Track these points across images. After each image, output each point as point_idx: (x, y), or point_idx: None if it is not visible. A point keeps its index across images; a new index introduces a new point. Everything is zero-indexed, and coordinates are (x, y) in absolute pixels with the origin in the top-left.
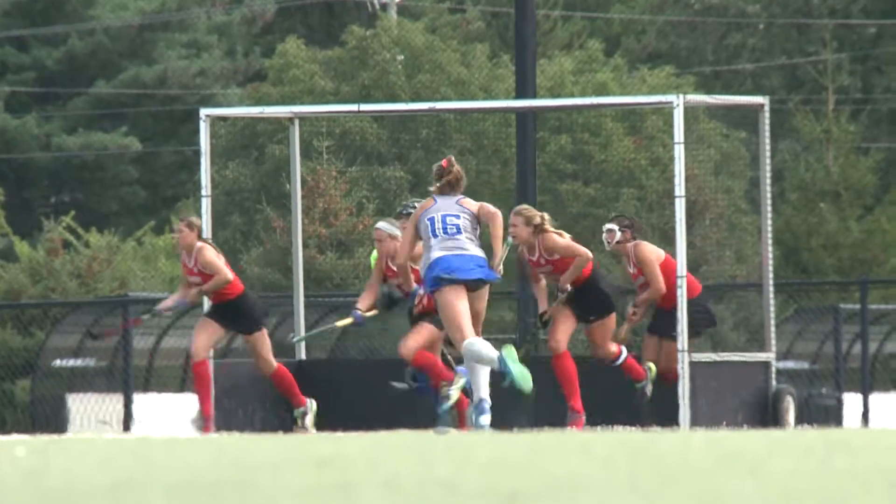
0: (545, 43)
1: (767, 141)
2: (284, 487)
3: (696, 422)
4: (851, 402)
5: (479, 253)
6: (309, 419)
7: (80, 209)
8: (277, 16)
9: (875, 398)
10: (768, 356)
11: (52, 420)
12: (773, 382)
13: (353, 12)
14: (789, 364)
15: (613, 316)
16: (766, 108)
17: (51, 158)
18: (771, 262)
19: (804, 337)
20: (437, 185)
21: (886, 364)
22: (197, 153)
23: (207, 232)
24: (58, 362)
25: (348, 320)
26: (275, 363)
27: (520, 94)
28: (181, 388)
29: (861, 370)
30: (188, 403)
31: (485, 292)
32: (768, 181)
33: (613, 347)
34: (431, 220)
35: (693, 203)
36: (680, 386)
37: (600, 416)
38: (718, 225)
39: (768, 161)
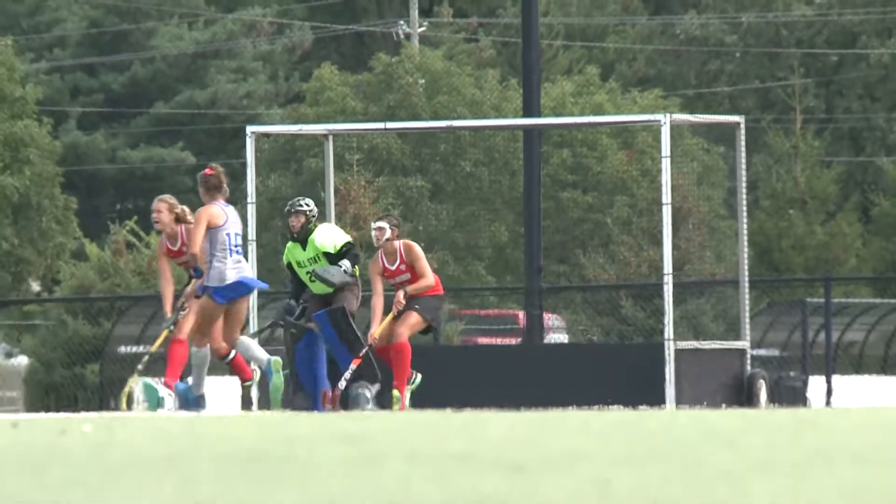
0: (549, 68)
1: (743, 155)
2: (319, 459)
3: (680, 401)
4: (816, 384)
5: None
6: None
7: (141, 215)
8: (314, 45)
9: (837, 380)
10: (743, 344)
11: (118, 400)
12: (748, 367)
13: (381, 41)
14: (762, 351)
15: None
16: (742, 126)
17: (116, 170)
18: (746, 261)
19: (775, 327)
20: (207, 190)
21: (847, 351)
22: (244, 165)
23: (252, 235)
24: (123, 349)
25: None
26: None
27: (526, 113)
28: (231, 372)
29: (825, 356)
30: (237, 385)
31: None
32: (744, 190)
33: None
34: (229, 235)
35: (678, 209)
36: (666, 370)
37: (597, 397)
38: (700, 229)
39: (744, 172)
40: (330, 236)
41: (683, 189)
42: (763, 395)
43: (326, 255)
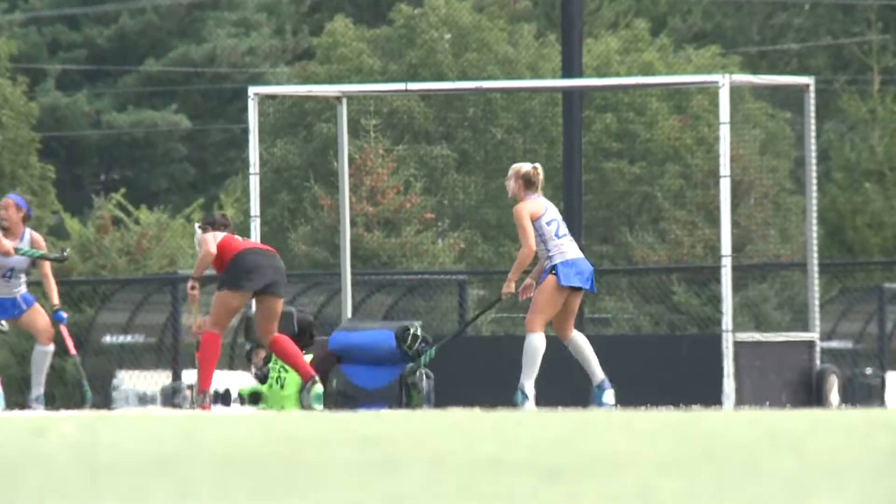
0: (591, 22)
1: (813, 121)
2: (330, 463)
3: (739, 400)
4: (894, 381)
5: None
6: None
7: (130, 186)
8: None
9: None
10: (812, 336)
11: (101, 396)
12: (818, 362)
13: None
14: (833, 344)
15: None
16: (812, 88)
17: (101, 136)
18: (815, 241)
19: (848, 317)
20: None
21: None
22: (245, 131)
23: (255, 209)
24: (107, 339)
25: None
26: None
27: (566, 74)
28: (229, 366)
29: None
30: (237, 380)
31: None
32: (813, 161)
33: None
34: None
35: (738, 182)
36: (724, 365)
37: (644, 395)
38: (763, 204)
39: (813, 141)
40: None
41: (744, 159)
42: (834, 394)
43: None
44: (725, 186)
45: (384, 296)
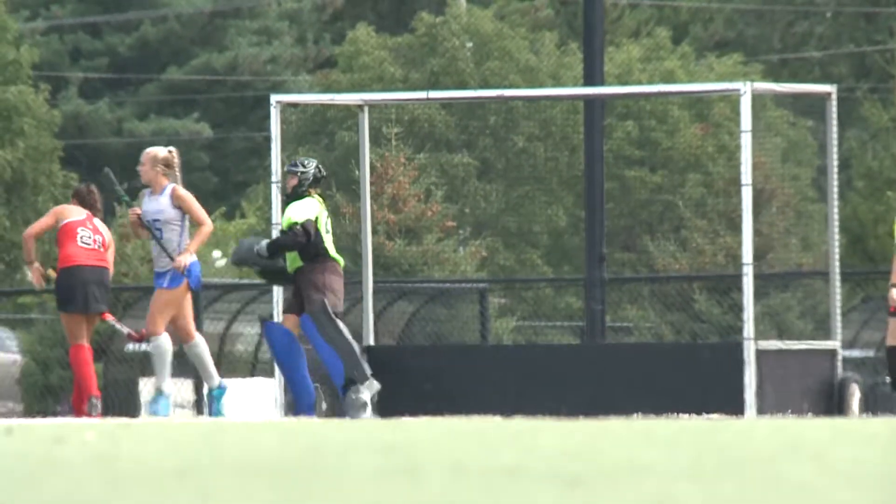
0: (613, 31)
1: (835, 129)
2: (351, 471)
3: (761, 409)
4: None
5: None
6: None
7: None
8: (347, 2)
9: None
10: (834, 345)
11: (124, 404)
12: (839, 371)
13: None
14: (855, 353)
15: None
16: (834, 96)
17: (123, 144)
18: (837, 250)
19: (871, 325)
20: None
21: None
22: (267, 139)
23: (277, 217)
24: (130, 346)
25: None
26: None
27: (588, 82)
28: (251, 373)
29: None
30: (259, 388)
31: None
32: (835, 169)
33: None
34: None
35: (760, 191)
36: (746, 373)
37: (666, 403)
38: (785, 213)
39: (835, 149)
40: (293, 212)
41: (766, 167)
42: (856, 403)
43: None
44: (747, 195)
45: (406, 304)
